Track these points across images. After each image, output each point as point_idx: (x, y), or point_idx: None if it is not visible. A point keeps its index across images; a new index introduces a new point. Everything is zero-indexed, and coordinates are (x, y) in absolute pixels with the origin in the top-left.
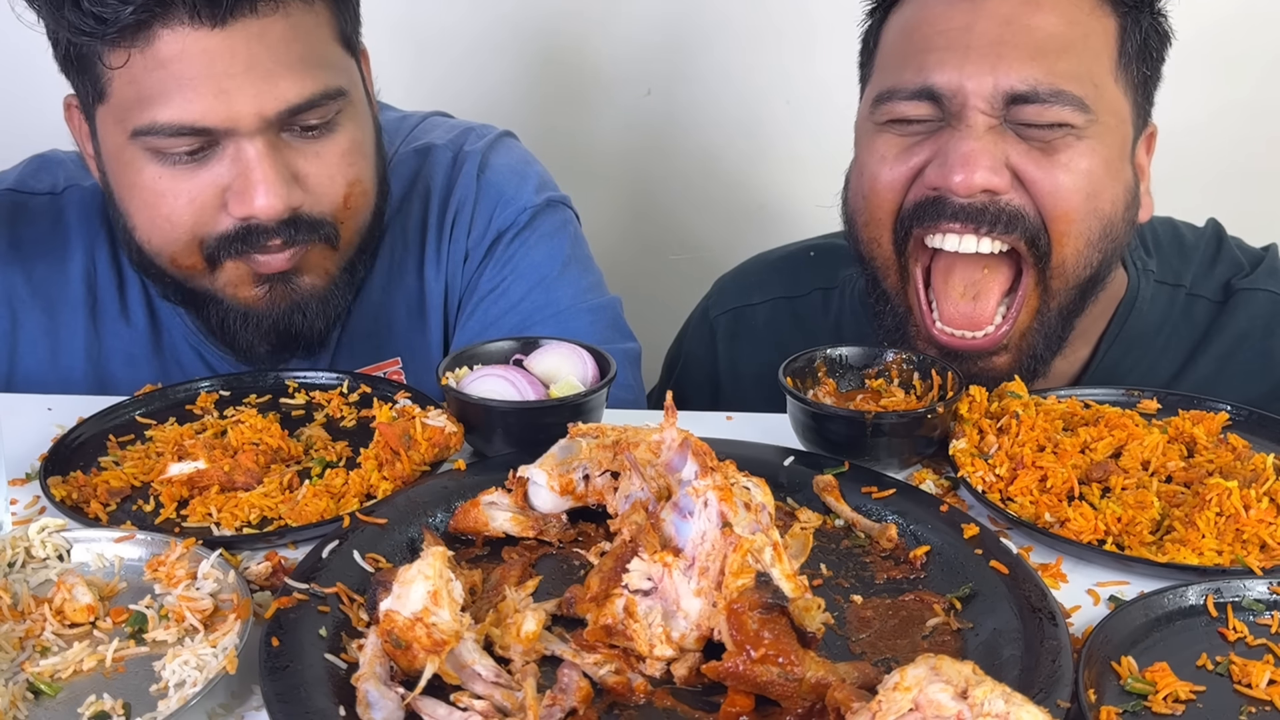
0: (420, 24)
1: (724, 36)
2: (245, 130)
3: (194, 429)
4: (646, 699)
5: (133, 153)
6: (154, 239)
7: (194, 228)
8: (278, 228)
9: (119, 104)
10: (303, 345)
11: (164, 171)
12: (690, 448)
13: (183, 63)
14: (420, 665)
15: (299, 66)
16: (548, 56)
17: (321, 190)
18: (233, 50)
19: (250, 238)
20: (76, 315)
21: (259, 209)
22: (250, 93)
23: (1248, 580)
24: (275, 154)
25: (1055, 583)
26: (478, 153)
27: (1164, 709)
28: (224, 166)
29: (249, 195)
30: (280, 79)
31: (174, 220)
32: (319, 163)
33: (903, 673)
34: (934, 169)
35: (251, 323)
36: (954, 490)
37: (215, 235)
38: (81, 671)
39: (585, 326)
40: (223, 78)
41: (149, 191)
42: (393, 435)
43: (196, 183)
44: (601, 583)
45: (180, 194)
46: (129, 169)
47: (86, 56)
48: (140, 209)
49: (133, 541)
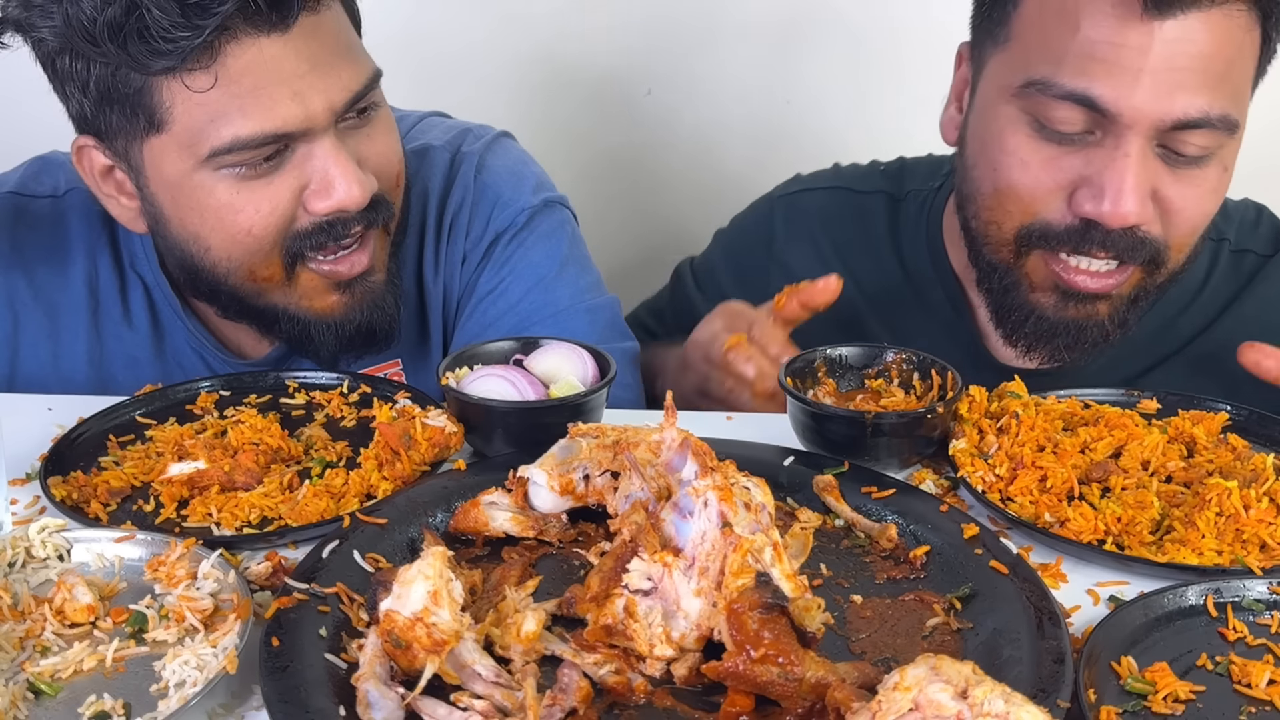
0: (419, 23)
1: (724, 36)
2: (319, 127)
3: (194, 429)
4: (646, 699)
5: (202, 176)
6: (234, 254)
7: (276, 234)
8: (358, 215)
9: (184, 130)
10: (382, 340)
11: (239, 186)
12: (690, 448)
13: (254, 74)
14: (420, 665)
15: (349, 55)
16: (547, 56)
17: (381, 171)
18: (297, 51)
19: (333, 229)
20: (78, 318)
21: (345, 200)
22: (320, 88)
23: (1247, 580)
24: (344, 145)
25: (1055, 583)
26: (475, 154)
27: (1164, 709)
28: (299, 168)
29: (333, 190)
30: (341, 70)
31: (255, 232)
32: (372, 144)
33: (903, 673)
34: (1088, 198)
35: (333, 330)
36: (954, 490)
37: (293, 235)
38: (82, 671)
39: (584, 326)
40: (294, 79)
41: (225, 209)
42: (393, 435)
43: (273, 188)
44: (601, 583)
45: (261, 204)
46: (199, 191)
47: (138, 92)
48: (215, 229)
49: (133, 541)
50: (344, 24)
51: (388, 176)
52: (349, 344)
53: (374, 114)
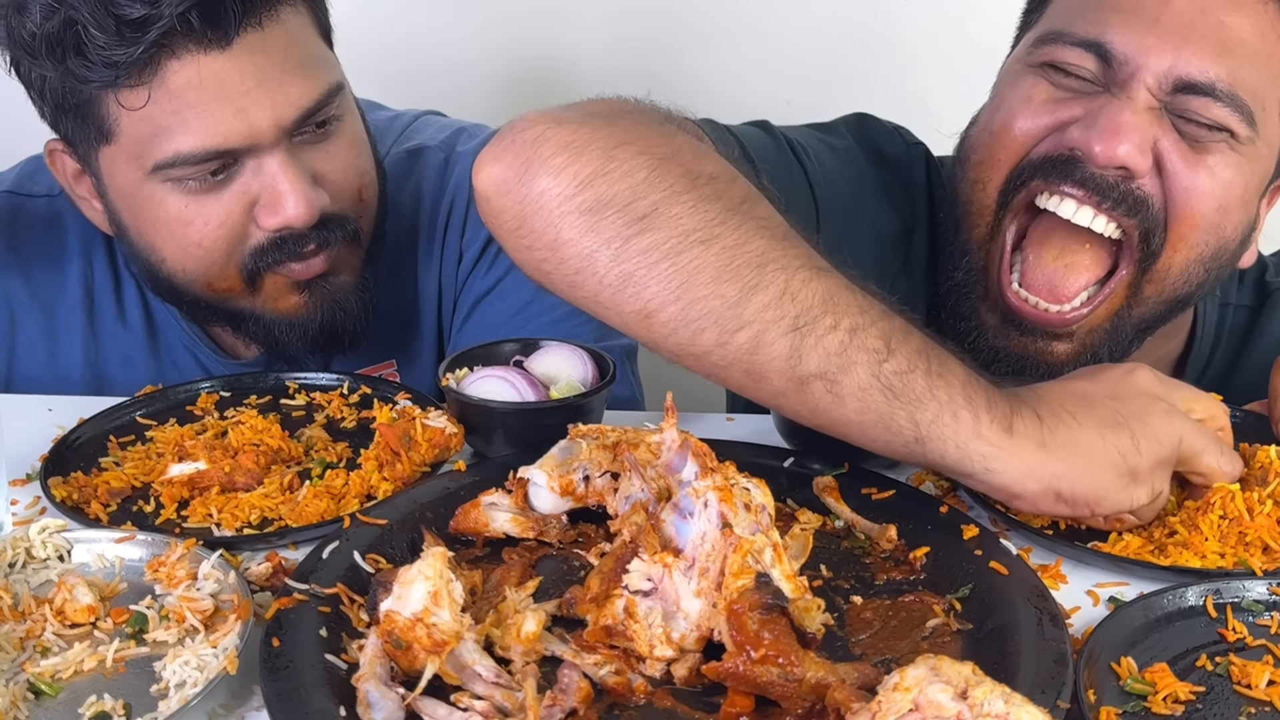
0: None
1: (724, 36)
2: (266, 143)
3: (194, 430)
4: (646, 699)
5: (152, 187)
6: (188, 267)
7: (228, 248)
8: (310, 233)
9: (131, 142)
10: (348, 342)
11: (188, 200)
12: (690, 448)
13: (196, 90)
14: (420, 666)
15: (301, 70)
16: (546, 56)
17: (339, 187)
18: (241, 68)
19: (285, 246)
20: (74, 317)
21: (292, 218)
22: (266, 105)
23: (1247, 581)
24: (295, 160)
25: (1055, 583)
26: (470, 154)
27: (1164, 709)
28: (247, 182)
29: (280, 206)
30: (290, 86)
31: (206, 245)
32: (331, 161)
33: (902, 673)
34: (1079, 128)
35: (297, 330)
36: (954, 491)
37: (249, 250)
38: (82, 672)
39: (581, 322)
40: (237, 96)
41: (175, 221)
42: (393, 436)
43: (222, 203)
44: (601, 583)
45: (210, 218)
46: (149, 204)
47: (86, 103)
48: (167, 241)
49: (133, 542)
50: (300, 37)
51: (346, 192)
52: (314, 344)
53: (334, 127)
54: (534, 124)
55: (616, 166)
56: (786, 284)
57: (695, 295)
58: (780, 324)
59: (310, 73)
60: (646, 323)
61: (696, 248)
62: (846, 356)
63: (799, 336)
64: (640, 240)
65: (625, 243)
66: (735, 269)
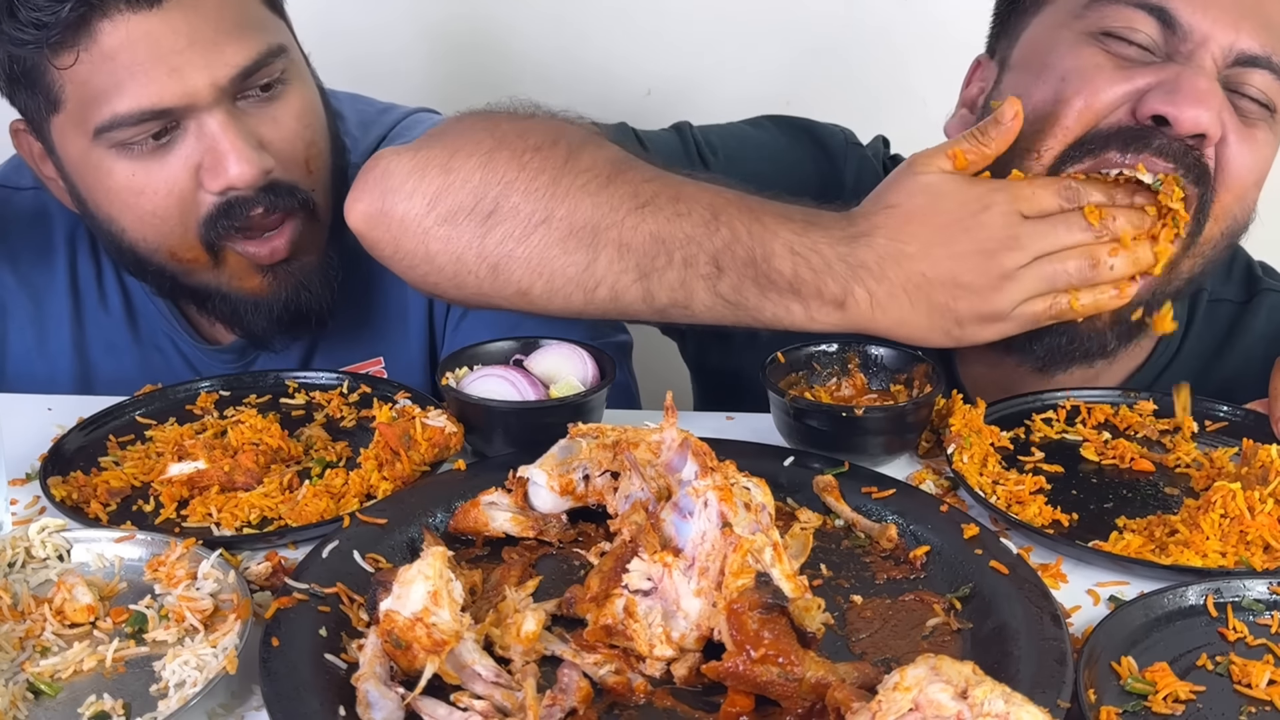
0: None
1: (724, 36)
2: (204, 104)
3: (194, 429)
4: (646, 699)
5: (99, 154)
6: (148, 236)
7: (181, 215)
8: (257, 195)
9: (75, 108)
10: (313, 322)
11: (135, 167)
12: (690, 448)
13: (129, 50)
14: (420, 665)
15: (237, 31)
16: (546, 56)
17: (285, 155)
18: (174, 27)
19: (234, 211)
20: (62, 306)
21: (234, 177)
22: (200, 64)
23: (1248, 580)
24: (237, 122)
25: (1055, 583)
26: None
27: (1164, 709)
28: (190, 145)
29: (222, 166)
30: (224, 46)
31: (160, 213)
32: (276, 125)
33: (903, 673)
34: (1158, 95)
35: (263, 310)
36: (954, 490)
37: (202, 219)
38: (81, 671)
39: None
40: (170, 55)
41: (126, 191)
42: (393, 435)
43: (169, 169)
44: (601, 583)
45: (158, 186)
46: (99, 172)
47: (34, 70)
48: (123, 211)
49: (133, 541)
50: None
51: (292, 158)
52: (280, 324)
53: (279, 91)
54: (380, 159)
55: (454, 176)
56: (619, 238)
57: (553, 269)
58: (627, 274)
59: (247, 33)
60: (525, 299)
61: (539, 230)
62: (687, 287)
63: (645, 280)
64: (494, 234)
65: (483, 240)
66: (576, 236)
